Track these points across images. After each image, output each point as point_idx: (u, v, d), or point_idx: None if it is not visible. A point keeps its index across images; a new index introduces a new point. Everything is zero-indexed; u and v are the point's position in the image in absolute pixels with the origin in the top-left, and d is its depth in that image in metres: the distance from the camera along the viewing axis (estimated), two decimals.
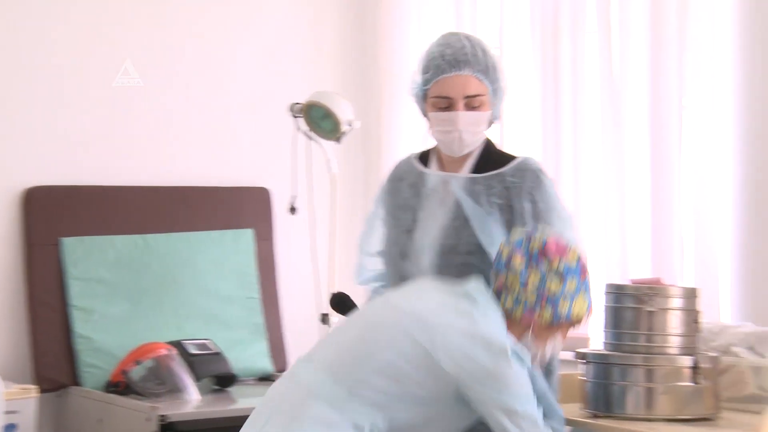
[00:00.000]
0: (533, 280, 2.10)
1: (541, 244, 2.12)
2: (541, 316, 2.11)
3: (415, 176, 2.47)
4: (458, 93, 2.34)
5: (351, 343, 2.12)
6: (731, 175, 3.04)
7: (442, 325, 2.08)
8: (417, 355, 2.05)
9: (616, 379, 2.54)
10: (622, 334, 2.58)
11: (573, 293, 2.12)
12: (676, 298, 2.56)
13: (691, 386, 2.48)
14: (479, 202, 2.37)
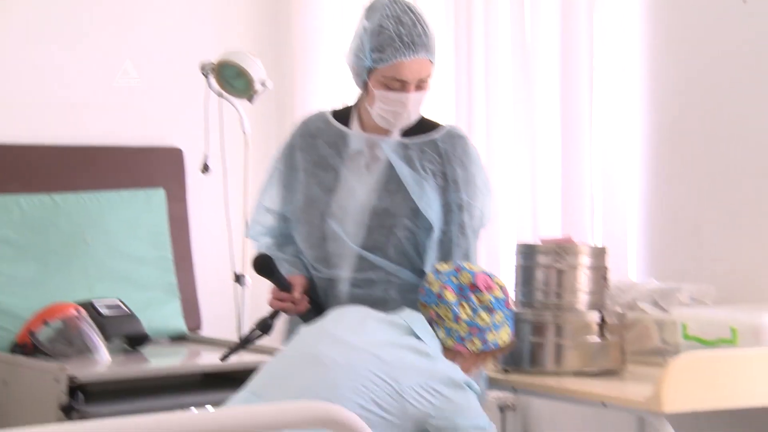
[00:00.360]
0: (465, 314, 2.23)
1: (470, 278, 2.25)
2: (473, 344, 2.24)
3: (334, 135, 2.46)
4: (414, 77, 2.36)
5: (318, 387, 2.10)
6: (639, 136, 3.11)
7: (404, 365, 2.14)
8: (385, 395, 2.10)
9: (527, 335, 2.60)
10: (533, 291, 2.64)
11: (500, 324, 2.27)
12: (586, 256, 2.63)
13: (599, 341, 2.56)
14: (413, 167, 2.41)
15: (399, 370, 2.12)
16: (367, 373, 2.10)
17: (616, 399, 2.29)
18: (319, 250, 2.46)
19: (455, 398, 2.14)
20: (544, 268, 2.63)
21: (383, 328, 2.20)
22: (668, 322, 2.62)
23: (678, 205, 3.00)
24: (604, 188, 3.18)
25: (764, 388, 2.26)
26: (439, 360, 2.18)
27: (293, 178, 2.50)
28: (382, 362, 2.12)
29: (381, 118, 2.40)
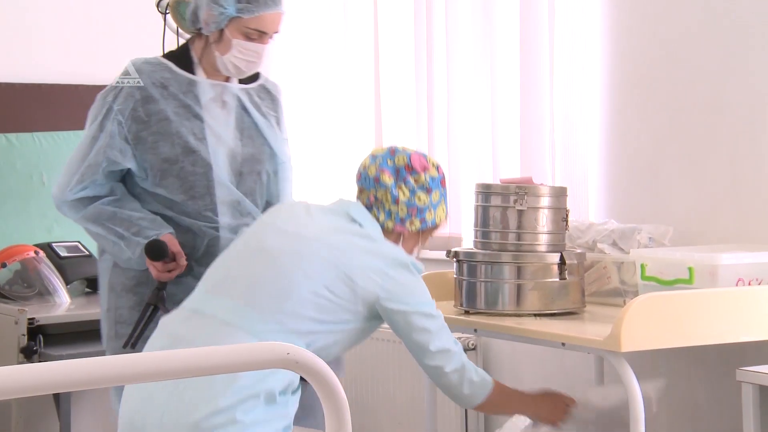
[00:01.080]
0: (403, 195, 2.25)
1: (405, 159, 2.27)
2: (412, 224, 2.26)
3: (185, 84, 2.45)
4: (273, 29, 2.44)
5: (269, 276, 2.13)
6: (598, 77, 3.11)
7: (351, 248, 2.18)
8: (338, 280, 2.13)
9: (487, 276, 2.61)
10: (493, 232, 2.65)
11: (437, 202, 2.29)
12: (546, 196, 2.64)
13: (558, 282, 2.58)
14: (261, 111, 2.52)
15: (346, 253, 2.15)
16: (316, 258, 2.14)
17: (575, 339, 2.33)
18: (206, 200, 2.45)
19: (401, 279, 2.18)
20: (504, 209, 2.63)
21: (326, 216, 2.24)
22: (627, 263, 2.65)
23: (637, 146, 3.01)
24: (564, 129, 3.18)
25: (720, 327, 2.30)
26: (382, 242, 2.22)
27: (144, 130, 2.41)
28: (330, 247, 2.16)
29: (233, 66, 2.44)
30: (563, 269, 2.58)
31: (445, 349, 2.20)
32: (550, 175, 3.18)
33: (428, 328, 2.19)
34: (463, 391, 2.21)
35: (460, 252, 2.71)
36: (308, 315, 2.10)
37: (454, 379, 2.20)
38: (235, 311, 2.09)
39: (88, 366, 1.20)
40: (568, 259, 2.59)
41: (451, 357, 2.20)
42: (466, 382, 2.20)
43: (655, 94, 2.97)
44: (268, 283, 2.11)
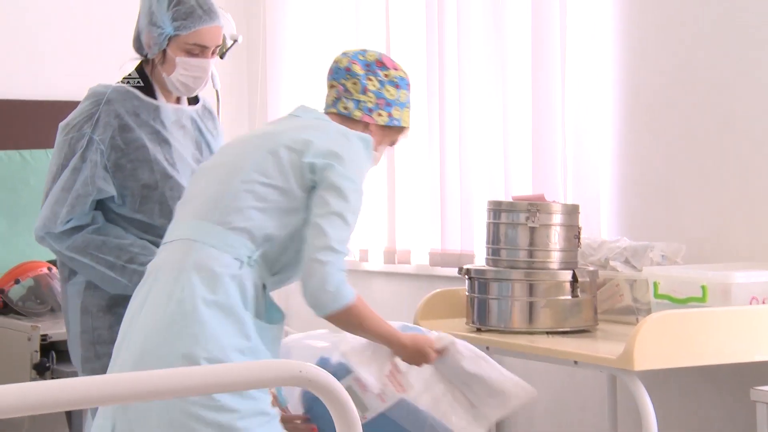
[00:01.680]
0: (372, 86, 2.26)
1: (376, 56, 2.29)
2: (380, 117, 2.25)
3: (152, 110, 2.49)
4: (213, 43, 2.49)
5: (210, 185, 2.15)
6: (610, 94, 3.11)
7: (284, 130, 2.17)
8: (267, 161, 2.11)
9: (499, 293, 2.61)
10: (505, 250, 2.65)
11: (404, 103, 2.29)
12: (558, 214, 2.64)
13: (571, 299, 2.57)
14: (209, 131, 2.58)
15: (277, 134, 2.15)
16: (247, 151, 2.15)
17: (588, 357, 2.32)
18: None
19: (335, 140, 2.11)
20: (516, 226, 2.63)
21: (278, 125, 2.24)
22: (640, 281, 2.65)
23: (650, 163, 3.01)
24: (576, 146, 3.18)
25: (734, 346, 2.29)
26: (326, 122, 2.19)
27: (123, 157, 2.44)
28: (260, 137, 2.18)
29: (181, 84, 2.48)
30: (576, 287, 2.57)
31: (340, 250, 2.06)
32: (562, 193, 3.18)
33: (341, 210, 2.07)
34: (328, 288, 2.04)
35: (472, 269, 2.71)
36: (247, 205, 2.09)
37: (327, 275, 2.04)
38: (194, 228, 2.11)
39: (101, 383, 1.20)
40: (580, 276, 2.58)
41: (339, 257, 2.06)
42: (337, 283, 2.05)
43: (668, 112, 2.97)
44: (210, 191, 2.14)
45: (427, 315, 2.86)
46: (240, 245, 2.08)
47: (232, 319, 2.03)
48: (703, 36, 2.87)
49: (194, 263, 2.06)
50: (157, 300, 2.06)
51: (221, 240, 2.08)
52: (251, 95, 4.51)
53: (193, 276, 2.04)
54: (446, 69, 3.56)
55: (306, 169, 2.10)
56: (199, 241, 2.09)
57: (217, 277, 2.04)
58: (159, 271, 2.10)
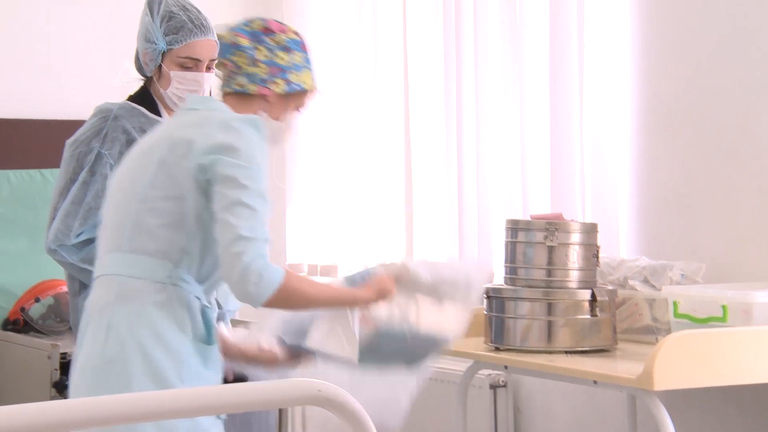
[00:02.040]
0: (262, 55, 2.16)
1: (261, 23, 2.20)
2: (276, 86, 2.15)
3: (156, 126, 2.46)
4: (206, 56, 2.52)
5: (118, 210, 2.10)
6: (629, 112, 3.10)
7: (163, 138, 2.10)
8: (157, 173, 2.05)
9: (518, 312, 2.60)
10: (523, 269, 2.64)
11: (300, 65, 2.19)
12: (576, 233, 2.63)
13: (590, 319, 2.56)
14: None
15: (157, 144, 2.07)
16: (135, 172, 2.08)
17: (607, 377, 2.31)
18: None
19: (220, 135, 2.02)
20: (535, 245, 2.63)
21: (174, 121, 2.17)
22: (659, 300, 2.63)
23: (669, 181, 3.00)
24: (595, 165, 3.17)
25: (755, 367, 2.27)
26: (206, 111, 2.10)
27: None
28: (145, 153, 2.10)
29: (177, 98, 2.51)
30: (594, 306, 2.57)
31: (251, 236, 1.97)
32: (580, 211, 3.17)
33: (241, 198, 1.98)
34: (251, 278, 1.95)
35: (490, 288, 2.71)
36: (152, 224, 2.03)
37: (245, 266, 1.95)
38: (110, 262, 2.08)
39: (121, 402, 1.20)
40: (599, 295, 2.58)
41: (252, 243, 1.97)
42: (258, 270, 1.95)
43: (686, 130, 2.96)
44: (115, 220, 2.09)
45: None
46: (157, 267, 2.02)
47: (162, 352, 1.98)
48: (722, 53, 2.86)
49: (116, 299, 2.03)
50: (88, 343, 2.04)
51: (137, 268, 2.03)
52: None
53: (117, 314, 2.01)
54: (463, 85, 3.56)
55: (195, 172, 2.02)
56: (116, 275, 2.05)
57: (142, 309, 2.00)
58: (91, 311, 2.07)
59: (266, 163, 2.05)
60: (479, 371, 3.06)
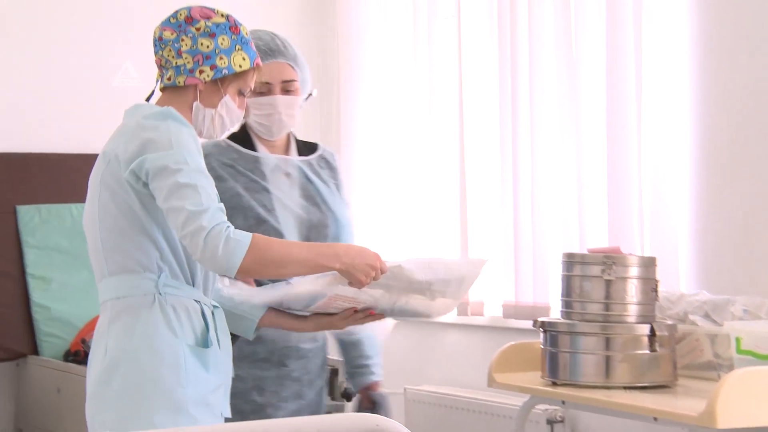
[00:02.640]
0: (185, 45, 2.16)
1: (185, 12, 2.19)
2: (204, 74, 2.15)
3: (251, 161, 2.56)
4: (276, 78, 2.53)
5: (89, 240, 2.14)
6: (688, 144, 3.07)
7: (108, 145, 2.13)
8: (114, 191, 2.07)
9: (575, 347, 2.57)
10: (580, 302, 2.62)
11: (228, 48, 2.16)
12: (635, 266, 2.60)
13: (649, 354, 2.53)
14: (322, 179, 2.61)
15: (98, 167, 2.11)
16: (96, 188, 2.11)
17: (668, 414, 2.27)
18: None
19: (137, 139, 2.05)
20: (592, 279, 2.60)
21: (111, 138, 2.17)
22: (721, 336, 2.58)
23: (729, 214, 2.95)
24: (653, 197, 3.14)
25: None
26: (136, 113, 2.12)
27: (230, 197, 2.51)
28: (93, 180, 2.13)
29: (259, 125, 2.55)
30: (654, 341, 2.53)
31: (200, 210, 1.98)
32: (638, 245, 3.14)
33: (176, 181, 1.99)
34: (218, 249, 1.95)
35: (546, 322, 2.68)
36: (121, 243, 2.06)
37: (208, 238, 1.95)
38: (101, 290, 2.12)
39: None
40: (658, 330, 2.54)
41: (204, 215, 1.97)
42: (222, 237, 1.96)
43: (747, 161, 2.92)
44: (90, 249, 2.12)
45: (501, 368, 2.83)
46: (142, 281, 2.06)
47: (157, 360, 2.02)
48: None
49: (109, 322, 2.07)
50: (89, 373, 2.09)
51: (123, 288, 2.07)
52: None
53: (110, 336, 2.05)
54: (519, 117, 3.56)
55: (132, 181, 2.05)
56: (108, 300, 2.09)
57: (134, 324, 2.04)
58: (93, 342, 2.13)
59: (193, 143, 2.06)
60: (536, 406, 3.03)
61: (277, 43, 2.55)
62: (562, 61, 3.42)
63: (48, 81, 3.94)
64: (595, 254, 2.66)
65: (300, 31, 4.46)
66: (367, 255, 2.12)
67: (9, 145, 3.82)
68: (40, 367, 3.53)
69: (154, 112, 2.09)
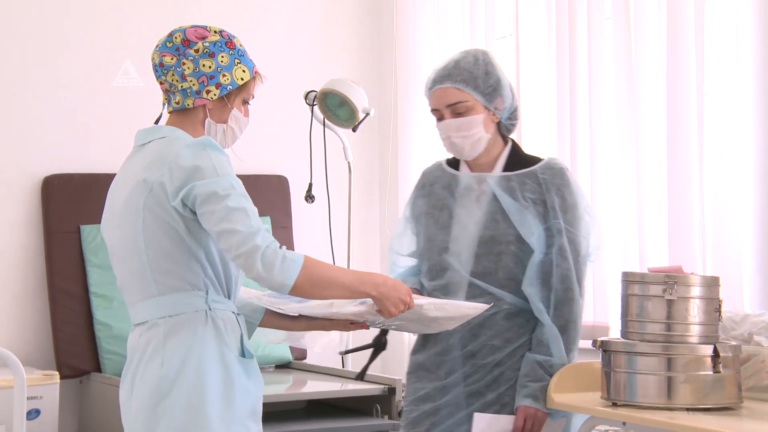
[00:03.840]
0: (188, 69, 2.22)
1: (181, 36, 2.24)
2: (210, 93, 2.22)
3: (448, 179, 2.69)
4: (440, 104, 2.60)
5: (131, 261, 2.18)
6: (751, 162, 3.03)
7: (144, 170, 2.18)
8: (159, 217, 2.14)
9: (635, 367, 2.54)
10: (641, 322, 2.58)
11: (229, 65, 2.23)
12: (697, 286, 2.56)
13: (712, 375, 2.48)
14: (515, 197, 2.60)
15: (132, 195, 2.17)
16: (124, 224, 2.18)
17: None
18: (438, 281, 2.64)
19: (180, 166, 2.12)
20: (653, 299, 2.57)
21: (126, 170, 2.25)
22: None
23: None
24: (715, 215, 3.10)
25: None
26: (169, 139, 2.18)
27: (417, 224, 2.72)
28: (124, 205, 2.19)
29: (447, 148, 2.64)
30: (717, 362, 2.49)
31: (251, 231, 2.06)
32: (700, 264, 3.10)
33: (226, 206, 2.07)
34: (275, 266, 2.04)
35: (606, 342, 2.66)
36: (168, 264, 2.12)
37: (262, 258, 2.04)
38: (148, 309, 2.17)
39: None
40: (722, 351, 2.50)
41: (256, 236, 2.06)
42: (279, 256, 2.05)
43: None
44: (134, 271, 2.17)
45: (560, 388, 2.80)
46: (192, 299, 2.14)
47: (219, 372, 2.10)
48: None
49: (165, 338, 2.13)
50: (141, 385, 2.15)
51: (175, 306, 2.14)
52: (382, 168, 4.58)
53: (168, 351, 2.11)
54: (578, 137, 3.54)
55: (180, 209, 2.12)
56: (158, 318, 2.15)
57: (192, 339, 2.11)
58: (139, 355, 2.17)
59: (232, 169, 2.15)
60: (596, 427, 3.00)
61: (449, 67, 2.60)
62: (621, 79, 3.39)
63: (112, 104, 4.01)
64: (656, 274, 2.63)
65: (359, 52, 4.49)
66: (401, 290, 2.21)
67: (73, 165, 3.89)
68: (103, 384, 3.58)
69: (194, 143, 2.16)
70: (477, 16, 4.01)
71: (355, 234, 4.11)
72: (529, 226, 2.58)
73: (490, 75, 2.59)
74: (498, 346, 2.64)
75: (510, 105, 2.64)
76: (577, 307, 2.64)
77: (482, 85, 2.58)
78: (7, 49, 3.92)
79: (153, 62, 2.26)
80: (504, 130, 2.67)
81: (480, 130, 2.59)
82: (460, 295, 2.61)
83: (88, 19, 4.01)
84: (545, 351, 2.61)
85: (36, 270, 3.80)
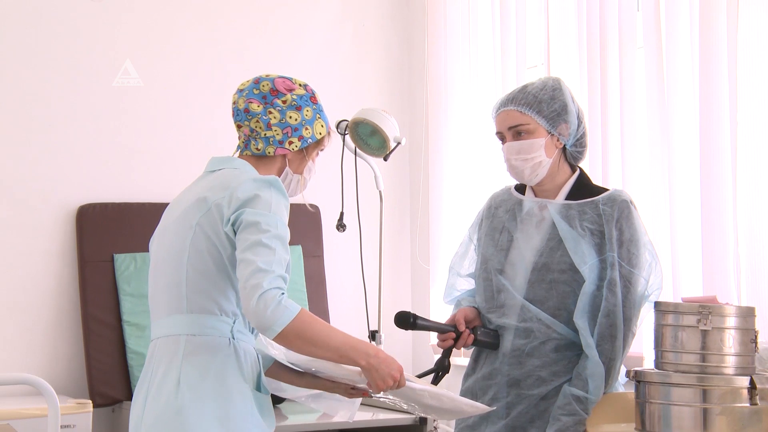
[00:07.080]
0: (274, 119, 2.28)
1: (269, 85, 2.30)
2: (292, 144, 2.30)
3: (513, 203, 2.72)
4: (503, 126, 2.64)
5: (171, 275, 2.21)
6: None
7: (206, 191, 2.23)
8: (210, 240, 2.17)
9: (670, 398, 2.52)
10: (675, 353, 2.56)
11: (311, 119, 2.31)
12: (732, 316, 2.53)
13: (749, 407, 2.45)
14: (573, 225, 2.60)
15: (189, 209, 2.21)
16: (174, 236, 2.22)
17: None
18: (492, 302, 2.67)
19: (244, 193, 2.16)
20: (687, 329, 2.55)
21: (188, 191, 2.30)
22: None
23: None
24: (749, 244, 3.07)
25: None
26: (238, 172, 2.24)
27: (479, 245, 2.76)
28: (180, 217, 2.23)
29: (509, 171, 2.67)
30: (754, 394, 2.45)
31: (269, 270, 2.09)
32: (735, 294, 3.06)
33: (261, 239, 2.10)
34: (269, 306, 2.05)
35: (640, 372, 2.63)
36: (206, 285, 2.15)
37: (262, 297, 2.05)
38: (174, 323, 2.19)
39: None
40: (759, 383, 2.46)
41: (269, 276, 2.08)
42: (275, 300, 2.06)
43: None
44: (171, 284, 2.20)
45: (594, 420, 2.77)
46: (219, 324, 2.16)
47: (233, 402, 2.11)
48: None
49: (184, 355, 2.15)
50: (155, 398, 2.15)
51: (201, 326, 2.16)
52: (413, 197, 4.58)
53: (186, 368, 2.13)
54: (610, 166, 3.53)
55: (229, 233, 2.16)
56: (182, 335, 2.17)
57: (211, 362, 2.13)
58: (155, 367, 2.19)
59: (286, 215, 2.20)
60: None
61: (516, 91, 2.64)
62: (653, 109, 3.38)
63: (145, 135, 4.06)
64: (690, 303, 2.60)
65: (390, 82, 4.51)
66: (392, 366, 2.20)
67: (107, 195, 3.93)
68: None
69: (262, 179, 2.22)
70: (508, 45, 4.02)
71: (386, 262, 4.11)
72: (583, 254, 2.57)
73: (556, 100, 2.61)
74: (545, 378, 2.61)
75: (575, 132, 2.64)
76: (618, 344, 2.61)
77: (546, 109, 2.59)
78: (44, 79, 3.97)
79: (236, 106, 2.32)
80: (570, 157, 2.67)
81: (541, 153, 2.60)
82: (512, 317, 2.62)
83: (122, 52, 4.06)
84: (583, 386, 2.58)
85: (70, 299, 3.84)
